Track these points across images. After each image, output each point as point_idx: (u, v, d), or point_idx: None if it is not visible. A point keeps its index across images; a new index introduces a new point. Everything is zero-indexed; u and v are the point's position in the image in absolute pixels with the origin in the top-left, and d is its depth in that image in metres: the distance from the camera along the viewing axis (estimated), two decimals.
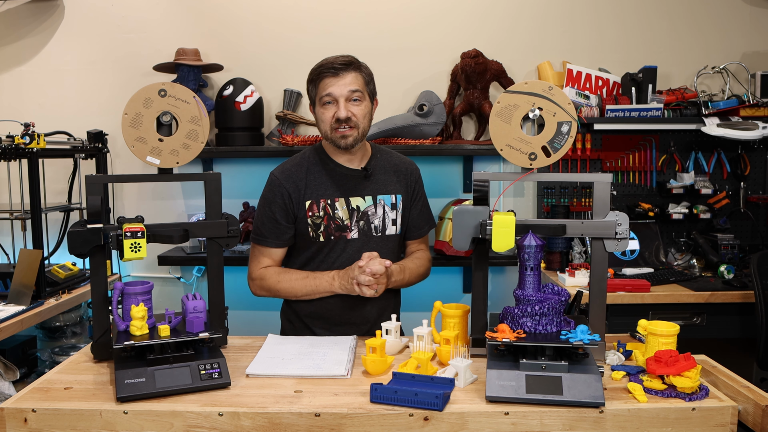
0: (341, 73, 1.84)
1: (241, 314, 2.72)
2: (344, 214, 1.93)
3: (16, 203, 2.68)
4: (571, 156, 3.03)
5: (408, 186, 2.03)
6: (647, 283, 2.53)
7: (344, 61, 1.86)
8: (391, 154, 2.07)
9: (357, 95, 1.86)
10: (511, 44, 3.07)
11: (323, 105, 1.87)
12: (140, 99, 1.62)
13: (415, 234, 2.08)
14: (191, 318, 1.50)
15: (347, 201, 1.94)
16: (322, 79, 1.86)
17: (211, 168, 3.10)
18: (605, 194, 1.53)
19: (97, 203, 1.55)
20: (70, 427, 1.33)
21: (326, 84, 1.85)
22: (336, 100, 1.85)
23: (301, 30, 3.07)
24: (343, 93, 1.84)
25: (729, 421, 1.32)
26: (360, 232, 1.94)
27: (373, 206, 1.95)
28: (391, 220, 1.98)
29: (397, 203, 1.99)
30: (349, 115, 1.85)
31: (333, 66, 1.85)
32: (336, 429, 1.31)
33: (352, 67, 1.87)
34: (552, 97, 1.55)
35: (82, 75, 3.13)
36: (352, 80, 1.86)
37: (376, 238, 1.96)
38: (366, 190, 1.96)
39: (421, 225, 2.08)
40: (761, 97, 2.87)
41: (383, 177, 1.99)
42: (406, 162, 2.07)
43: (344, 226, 1.93)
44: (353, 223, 1.94)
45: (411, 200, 2.04)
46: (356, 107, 1.87)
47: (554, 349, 1.39)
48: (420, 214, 2.07)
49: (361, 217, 1.94)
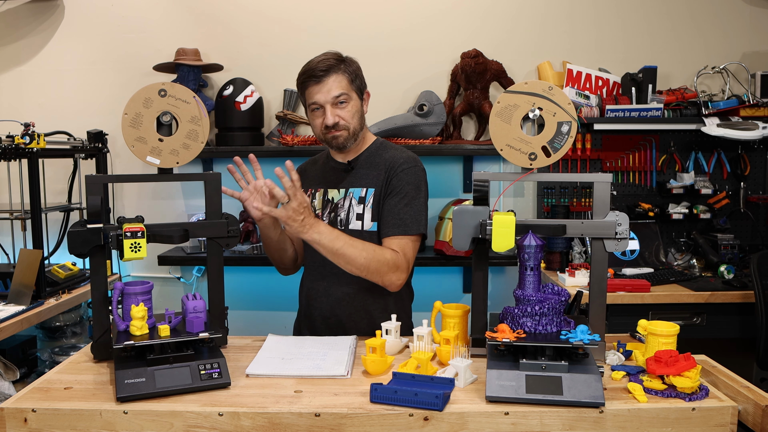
0: (323, 80, 1.85)
1: (241, 314, 2.72)
2: (319, 204, 1.97)
3: (16, 203, 2.68)
4: (571, 156, 3.03)
5: (385, 179, 1.90)
6: (647, 283, 2.53)
7: (325, 67, 1.85)
8: (391, 149, 1.98)
9: (342, 98, 1.87)
10: (511, 44, 3.07)
11: (312, 111, 1.91)
12: (140, 99, 1.62)
13: (382, 231, 1.87)
14: (191, 318, 1.50)
15: (325, 192, 1.97)
16: (307, 87, 1.89)
17: (211, 168, 3.10)
18: (605, 194, 1.53)
19: (97, 203, 1.55)
20: (70, 427, 1.33)
21: (311, 92, 1.88)
22: (322, 107, 1.88)
23: (301, 30, 3.07)
24: (327, 100, 1.86)
25: (729, 421, 1.32)
26: (330, 223, 1.93)
27: (343, 199, 1.95)
28: (356, 215, 1.91)
29: (366, 197, 1.91)
30: (336, 121, 1.87)
31: (314, 74, 1.85)
32: (336, 429, 1.31)
33: (333, 70, 1.86)
34: (552, 97, 1.55)
35: (82, 75, 3.13)
36: (335, 85, 1.86)
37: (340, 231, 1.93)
38: (342, 183, 1.97)
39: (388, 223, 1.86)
40: (761, 97, 2.86)
41: (364, 171, 1.95)
42: (398, 157, 1.92)
43: (316, 215, 1.93)
44: (325, 213, 1.96)
45: (385, 194, 1.89)
46: (342, 110, 1.88)
47: (554, 349, 1.39)
48: (390, 212, 1.86)
49: (333, 209, 1.95)
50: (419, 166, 1.93)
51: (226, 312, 1.73)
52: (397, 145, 2.01)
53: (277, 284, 2.10)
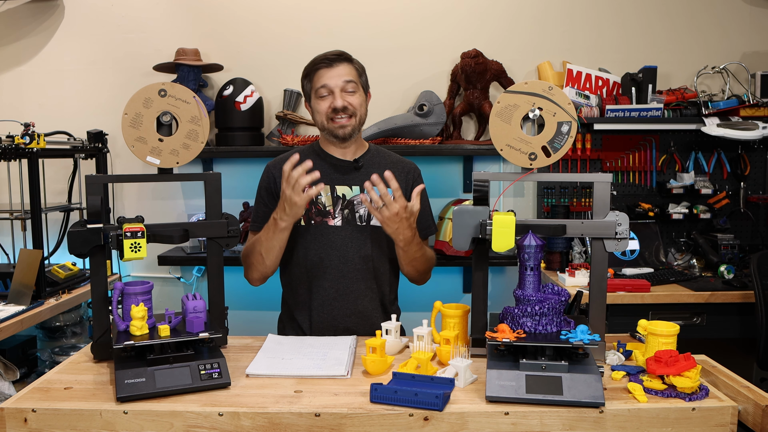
0: (335, 64, 1.90)
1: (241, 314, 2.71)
2: (327, 200, 1.94)
3: (16, 203, 2.68)
4: (571, 156, 3.03)
5: (407, 182, 2.01)
6: (647, 283, 2.53)
7: (336, 53, 1.92)
8: (389, 153, 2.08)
9: (351, 86, 1.90)
10: (511, 44, 3.07)
11: (319, 97, 1.91)
12: (140, 99, 1.62)
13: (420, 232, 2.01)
14: (191, 318, 1.50)
15: (332, 189, 1.95)
16: (317, 71, 1.91)
17: (211, 168, 3.10)
18: (605, 194, 1.53)
19: (97, 203, 1.55)
20: (70, 427, 1.33)
21: (320, 75, 1.90)
22: (332, 91, 1.89)
23: (301, 30, 3.07)
24: (338, 84, 1.89)
25: (729, 421, 1.32)
26: (344, 220, 1.93)
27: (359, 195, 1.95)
28: None
29: None
30: (345, 104, 1.88)
31: (326, 58, 1.90)
32: (336, 429, 1.31)
33: (344, 59, 1.92)
34: (552, 97, 1.55)
35: (82, 75, 3.13)
36: (346, 71, 1.91)
37: (360, 227, 1.94)
38: (355, 180, 1.96)
39: (422, 227, 2.01)
40: (761, 97, 2.87)
41: (374, 170, 1.95)
42: (404, 161, 2.07)
43: (326, 212, 1.93)
44: (337, 210, 1.94)
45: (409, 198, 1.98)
46: (351, 97, 1.90)
47: (554, 349, 1.39)
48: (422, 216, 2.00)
49: (347, 205, 1.94)
50: None
51: (226, 312, 1.74)
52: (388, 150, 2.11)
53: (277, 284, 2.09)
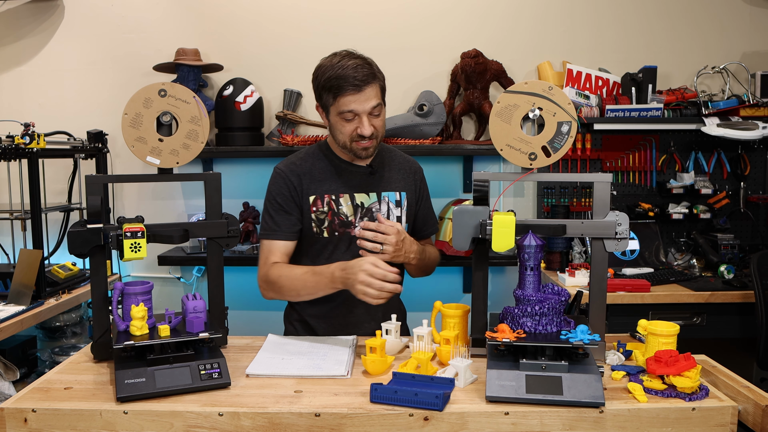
0: (363, 89, 1.79)
1: (241, 314, 2.71)
2: (348, 210, 1.92)
3: (16, 203, 2.68)
4: (571, 156, 3.03)
5: (414, 184, 2.04)
6: (647, 283, 2.53)
7: (365, 75, 1.79)
8: (394, 152, 2.08)
9: (378, 109, 1.84)
10: (511, 44, 3.07)
11: (344, 119, 1.83)
12: (140, 99, 1.62)
13: (423, 233, 2.09)
14: (191, 318, 1.50)
15: (352, 197, 1.93)
16: (344, 94, 1.79)
17: (211, 168, 3.10)
18: (605, 194, 1.53)
19: (97, 203, 1.55)
20: (70, 427, 1.33)
21: (348, 100, 1.79)
22: (358, 116, 1.82)
23: (301, 30, 3.07)
24: (365, 110, 1.81)
25: (729, 421, 1.32)
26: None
27: (377, 203, 1.95)
28: (396, 217, 1.97)
29: (401, 200, 1.98)
30: (372, 131, 1.83)
31: (355, 81, 1.77)
32: (336, 429, 1.31)
33: (371, 80, 1.81)
34: (552, 97, 1.55)
35: (82, 75, 3.13)
36: (374, 92, 1.81)
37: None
38: (370, 186, 1.95)
39: (428, 225, 2.09)
40: (761, 97, 2.86)
41: (388, 174, 1.99)
42: (410, 161, 2.08)
43: (348, 222, 1.92)
44: (357, 219, 1.93)
45: (416, 199, 2.04)
46: (377, 120, 1.85)
47: (554, 349, 1.39)
48: (427, 214, 2.09)
49: (365, 213, 1.94)
50: None
51: (226, 312, 1.74)
52: (392, 147, 2.11)
53: None
